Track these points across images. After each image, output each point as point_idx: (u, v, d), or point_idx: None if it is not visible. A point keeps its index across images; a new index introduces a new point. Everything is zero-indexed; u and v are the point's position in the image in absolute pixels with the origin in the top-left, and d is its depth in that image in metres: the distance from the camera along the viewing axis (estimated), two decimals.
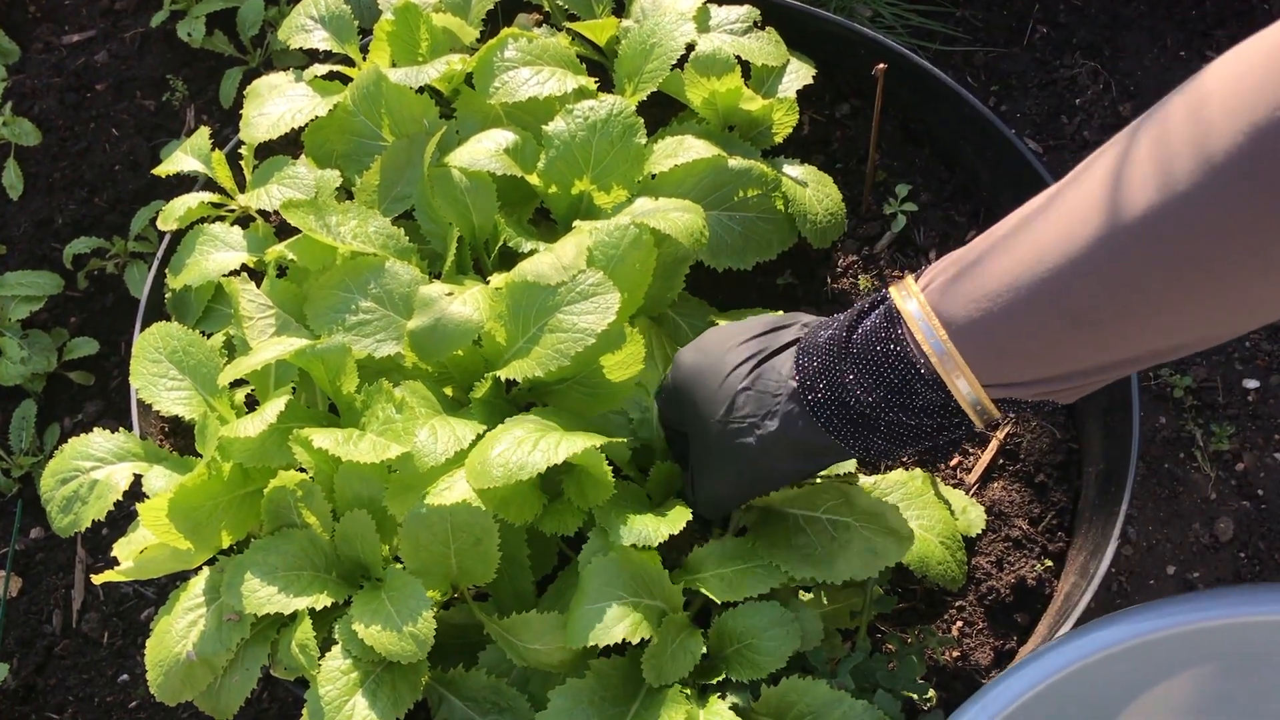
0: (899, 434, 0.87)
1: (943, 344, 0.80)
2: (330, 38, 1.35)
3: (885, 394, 0.84)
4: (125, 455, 1.16)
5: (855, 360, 0.86)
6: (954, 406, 0.83)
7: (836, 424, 0.88)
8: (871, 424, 0.87)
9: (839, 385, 0.86)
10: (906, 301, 0.83)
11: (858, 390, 0.85)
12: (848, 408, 0.87)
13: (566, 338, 1.04)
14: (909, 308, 0.83)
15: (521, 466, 0.96)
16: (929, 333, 0.81)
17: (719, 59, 1.25)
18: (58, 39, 1.97)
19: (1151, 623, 0.85)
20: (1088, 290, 0.73)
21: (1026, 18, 1.82)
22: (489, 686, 1.06)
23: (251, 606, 1.01)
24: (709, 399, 0.95)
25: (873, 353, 0.84)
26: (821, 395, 0.88)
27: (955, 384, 0.81)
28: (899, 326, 0.83)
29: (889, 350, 0.83)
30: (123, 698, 1.55)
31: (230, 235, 1.28)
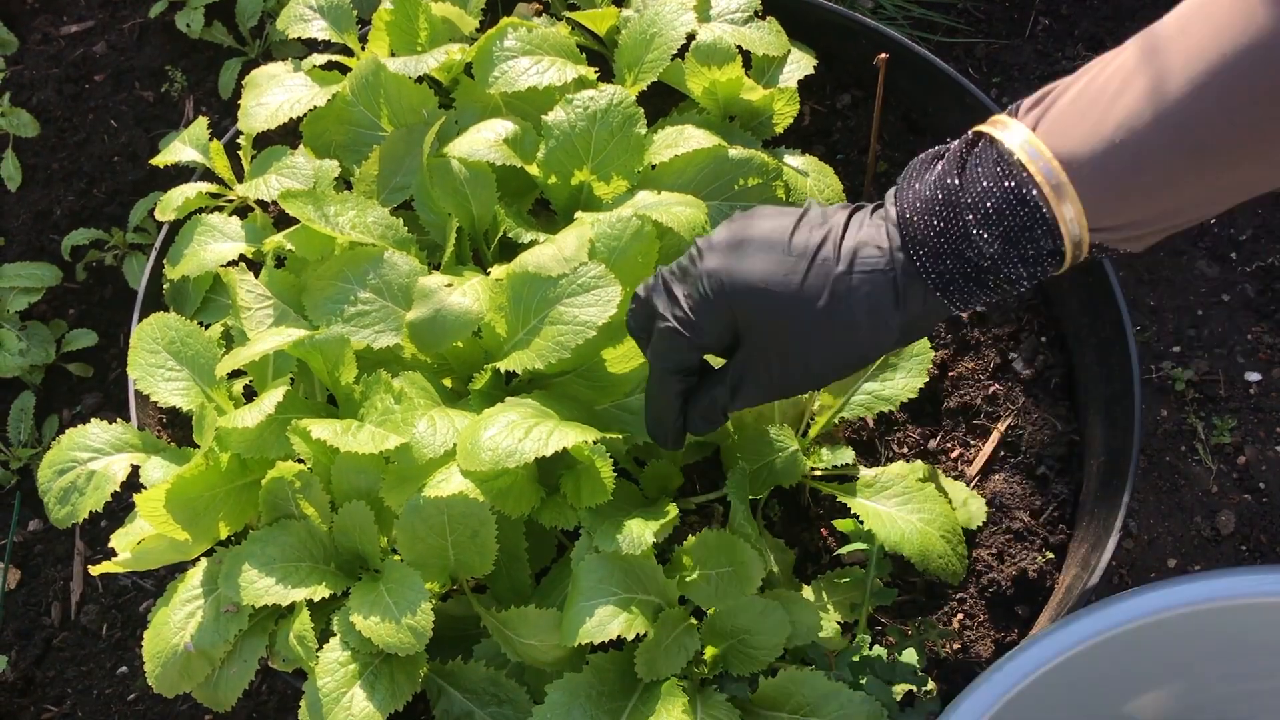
0: (1003, 285, 0.83)
1: (1058, 176, 0.77)
2: (329, 27, 1.35)
3: (1004, 245, 0.80)
4: (123, 446, 1.16)
5: (974, 209, 0.80)
6: (1059, 250, 0.80)
7: (950, 279, 0.83)
8: (983, 279, 0.82)
9: (958, 237, 0.81)
10: (1011, 136, 0.79)
11: (980, 243, 0.80)
12: (966, 261, 0.81)
13: (568, 330, 1.04)
14: (1014, 141, 0.79)
15: (510, 453, 0.95)
16: (1046, 170, 0.77)
17: (720, 49, 1.24)
18: (56, 30, 1.96)
19: (1153, 604, 0.84)
20: (1212, 120, 0.72)
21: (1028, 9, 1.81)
22: (488, 678, 1.06)
23: (249, 598, 1.00)
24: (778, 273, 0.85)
25: (992, 197, 0.79)
26: (934, 250, 0.82)
27: (1064, 219, 0.78)
28: (1017, 168, 0.78)
29: (1010, 193, 0.79)
30: (121, 690, 1.54)
31: (228, 225, 1.28)
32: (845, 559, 1.19)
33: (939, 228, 0.81)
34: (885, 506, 1.14)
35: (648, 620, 1.01)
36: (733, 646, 1.04)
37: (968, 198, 0.80)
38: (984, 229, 0.79)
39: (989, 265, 0.81)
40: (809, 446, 1.18)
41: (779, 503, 1.23)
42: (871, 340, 0.86)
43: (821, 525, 1.22)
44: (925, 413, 1.29)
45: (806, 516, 1.23)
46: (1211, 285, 1.64)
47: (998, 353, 1.30)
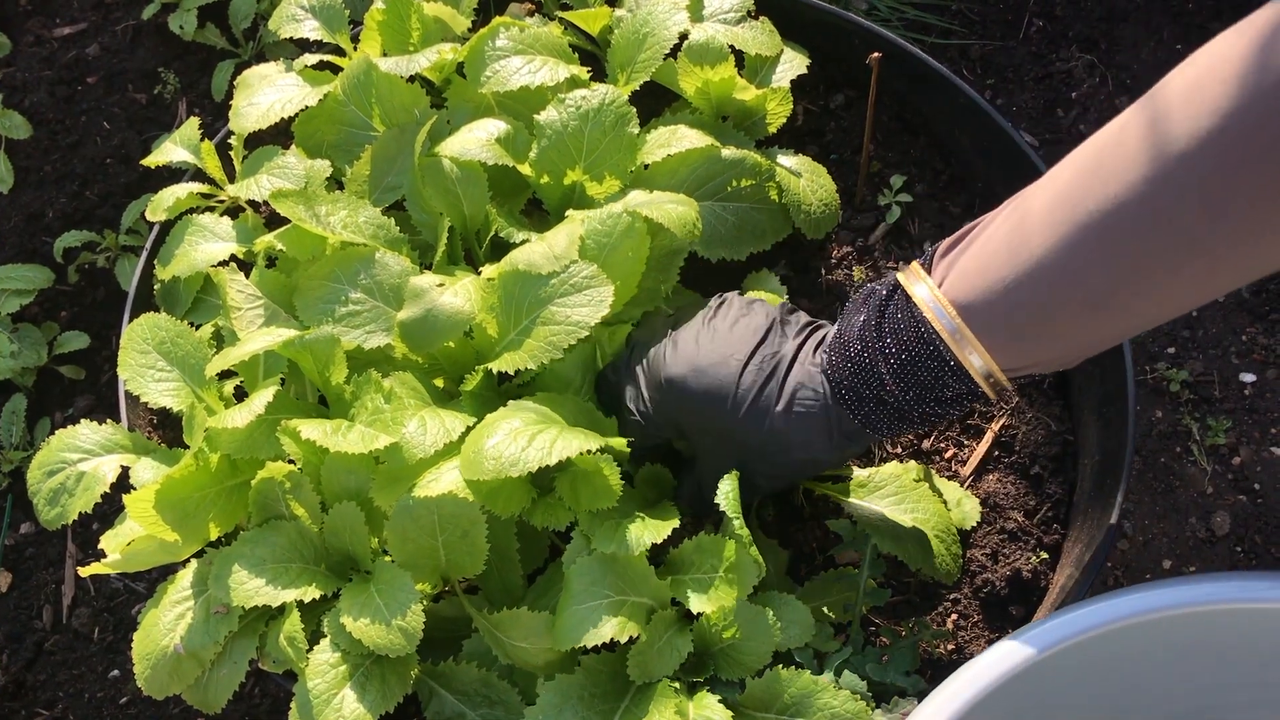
0: (929, 421, 0.95)
1: (957, 325, 0.86)
2: (321, 27, 1.34)
3: (919, 391, 0.91)
4: (113, 447, 1.15)
5: (887, 360, 0.91)
6: (977, 391, 0.90)
7: (873, 419, 0.95)
8: (906, 417, 0.94)
9: (876, 385, 0.92)
10: (919, 290, 0.89)
11: (895, 391, 0.92)
12: (885, 405, 0.93)
13: (560, 330, 1.03)
14: (921, 295, 0.88)
15: (514, 462, 0.94)
16: (948, 323, 0.86)
17: (712, 48, 1.24)
18: (49, 32, 1.96)
19: (1137, 605, 0.84)
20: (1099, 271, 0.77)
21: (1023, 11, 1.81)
22: (479, 679, 1.05)
23: (239, 599, 1.00)
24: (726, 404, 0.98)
25: (906, 350, 0.90)
26: (857, 396, 0.94)
27: (971, 365, 0.87)
28: (922, 321, 0.88)
29: (920, 351, 0.89)
30: (113, 693, 1.54)
31: (219, 226, 1.27)
32: (839, 559, 1.18)
33: (859, 377, 0.93)
34: (879, 506, 1.13)
35: (640, 622, 1.00)
36: (726, 650, 1.03)
37: (884, 349, 0.91)
38: (898, 380, 0.91)
39: (907, 409, 0.92)
40: None
41: (772, 503, 1.22)
42: (808, 465, 1.00)
43: (815, 526, 1.22)
44: None
45: (800, 517, 1.22)
46: None
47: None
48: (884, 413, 0.94)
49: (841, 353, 0.95)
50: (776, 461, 1.00)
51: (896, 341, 0.90)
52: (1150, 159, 0.72)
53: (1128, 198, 0.74)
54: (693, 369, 0.99)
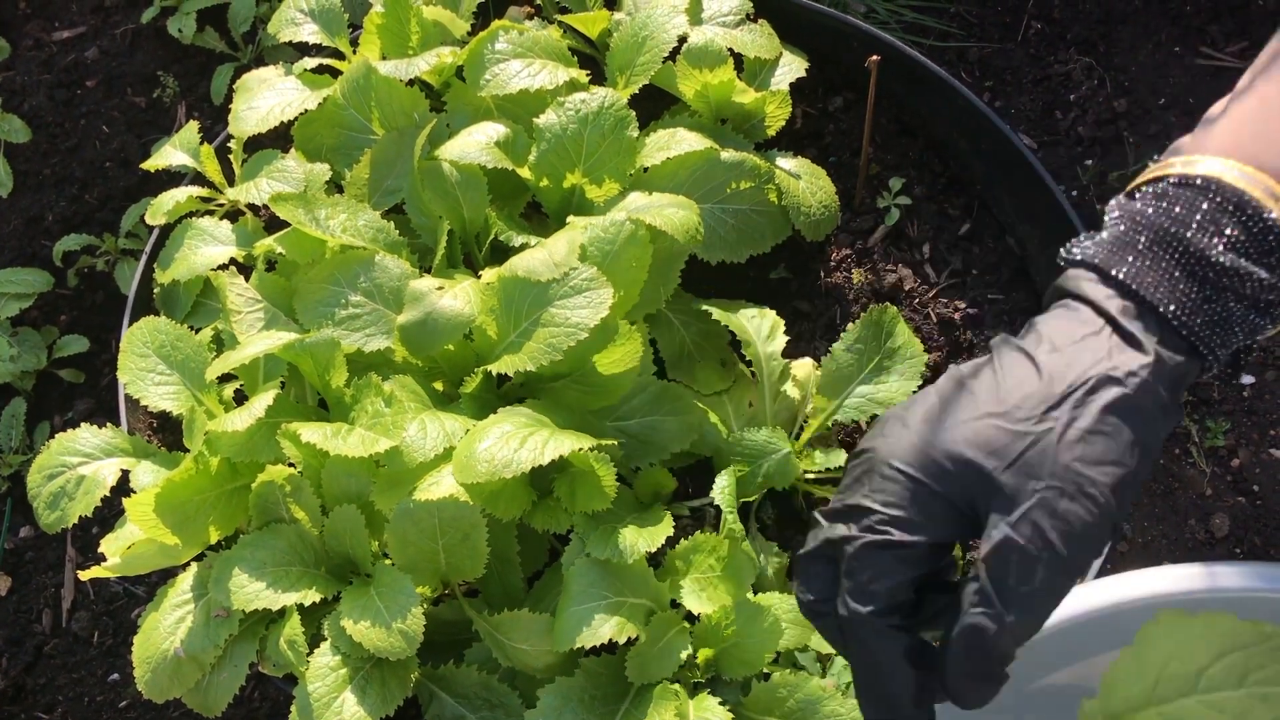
0: (1250, 319, 0.70)
1: (1273, 189, 0.68)
2: (320, 31, 1.35)
3: (1233, 254, 0.69)
4: (113, 451, 1.15)
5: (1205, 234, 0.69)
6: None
7: (1189, 314, 0.69)
8: (1228, 307, 0.69)
9: (1183, 255, 0.69)
10: (1205, 165, 0.70)
11: (1206, 250, 0.69)
12: (1201, 283, 0.69)
13: (559, 332, 1.03)
14: (1217, 170, 0.70)
15: (507, 464, 0.95)
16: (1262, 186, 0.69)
17: (711, 51, 1.24)
18: (48, 35, 1.96)
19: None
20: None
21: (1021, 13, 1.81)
22: (480, 683, 1.05)
23: (239, 602, 1.00)
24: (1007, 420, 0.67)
25: (1223, 220, 0.69)
26: (1162, 277, 0.69)
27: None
28: (1231, 191, 0.69)
29: (1239, 212, 0.69)
30: (113, 697, 1.54)
31: (219, 229, 1.27)
32: None
33: (1166, 263, 0.70)
34: None
35: (639, 624, 1.00)
36: (725, 650, 1.03)
37: (1194, 234, 0.69)
38: (1225, 251, 0.69)
39: (1243, 287, 0.69)
40: (802, 449, 1.18)
41: (773, 505, 1.22)
42: (1153, 430, 0.68)
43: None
44: None
45: (800, 519, 1.22)
46: None
47: None
48: (1229, 320, 0.69)
49: (1153, 250, 0.70)
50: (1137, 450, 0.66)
51: (1206, 216, 0.69)
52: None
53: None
54: (931, 413, 0.69)
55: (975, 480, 0.65)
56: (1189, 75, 1.72)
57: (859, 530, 0.67)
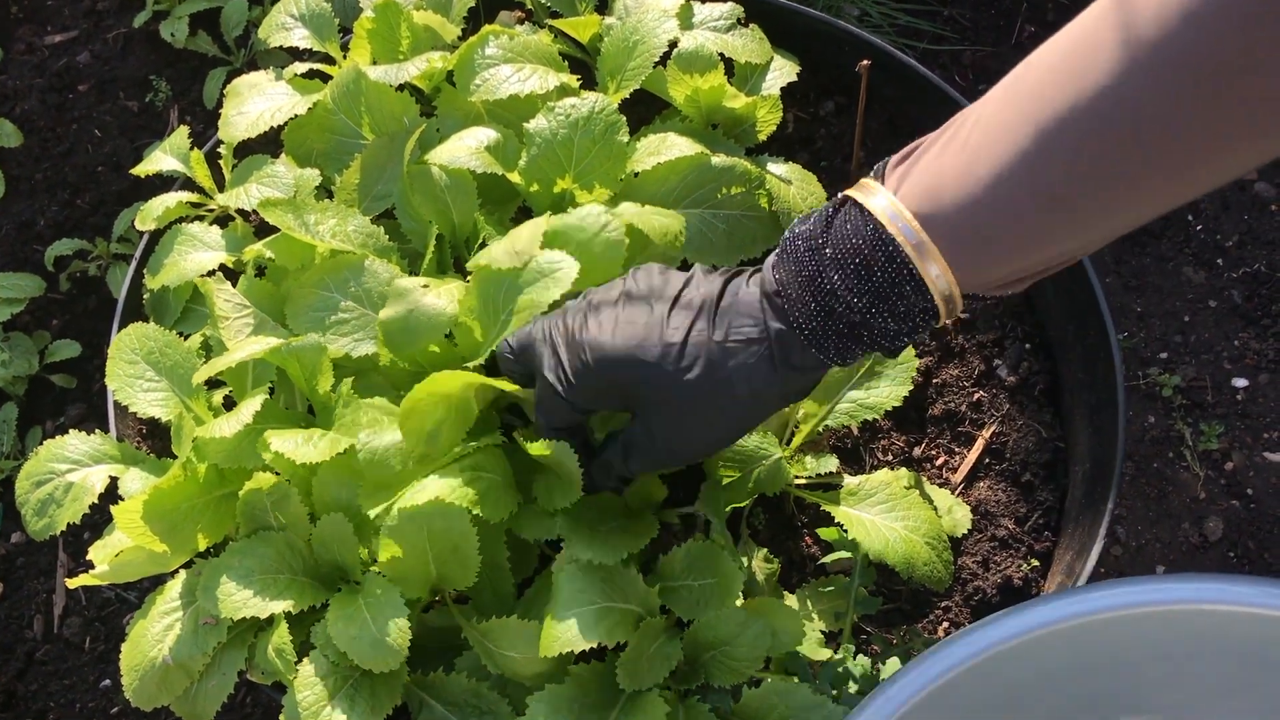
0: (878, 340, 0.86)
1: (916, 234, 0.80)
2: (310, 35, 1.34)
3: (872, 299, 0.83)
4: (101, 457, 1.15)
5: (839, 265, 0.83)
6: (930, 306, 0.82)
7: (822, 335, 0.85)
8: (857, 334, 0.85)
9: (825, 293, 0.84)
10: (874, 200, 0.82)
11: (847, 295, 0.83)
12: (836, 317, 0.84)
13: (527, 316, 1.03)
14: (877, 205, 0.81)
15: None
16: (907, 231, 0.80)
17: (702, 56, 1.23)
18: (40, 39, 1.96)
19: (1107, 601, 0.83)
20: (1060, 172, 0.73)
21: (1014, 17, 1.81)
22: (470, 690, 1.05)
23: (227, 610, 0.99)
24: (654, 354, 0.89)
25: (860, 255, 0.82)
26: (805, 306, 0.85)
27: (930, 277, 0.80)
28: (879, 230, 0.81)
29: (876, 256, 0.81)
30: (104, 704, 1.53)
31: (209, 235, 1.27)
32: (830, 568, 1.18)
33: (807, 287, 0.85)
34: (869, 514, 1.13)
35: (629, 629, 1.00)
36: (715, 657, 1.03)
37: (833, 255, 0.83)
38: (849, 286, 0.83)
39: (859, 320, 0.84)
40: (793, 455, 1.18)
41: (763, 511, 1.22)
42: (752, 408, 0.90)
43: (806, 533, 1.22)
44: (910, 420, 1.28)
45: (791, 525, 1.22)
46: (1198, 291, 1.63)
47: (982, 359, 1.30)
48: (833, 326, 0.85)
49: (785, 264, 0.87)
50: (718, 407, 0.90)
51: (848, 249, 0.82)
52: (1124, 51, 0.68)
53: (1101, 89, 0.70)
54: (615, 325, 0.91)
55: (626, 384, 0.91)
56: None
57: (546, 374, 0.95)
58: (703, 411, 0.91)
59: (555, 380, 0.94)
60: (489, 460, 1.03)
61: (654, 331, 0.90)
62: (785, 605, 1.06)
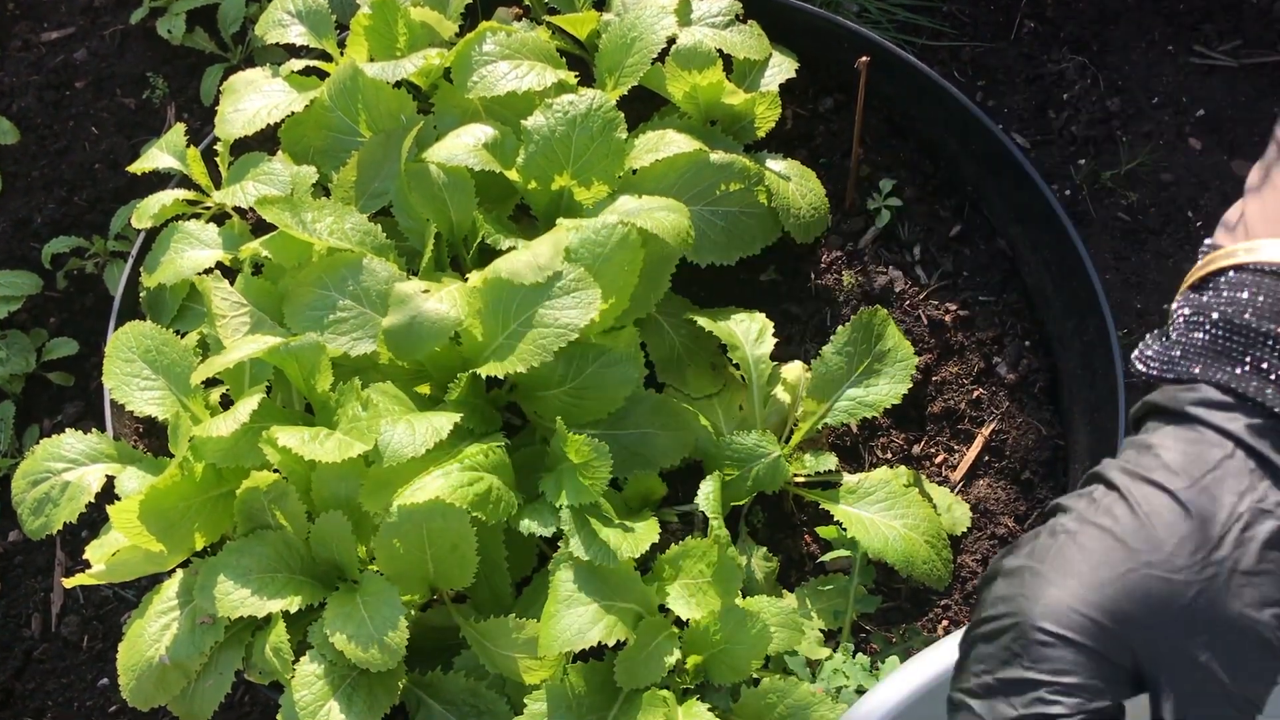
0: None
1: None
2: (307, 33, 1.34)
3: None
4: (98, 456, 1.14)
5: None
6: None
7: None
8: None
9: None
10: (1268, 250, 0.68)
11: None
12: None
13: (549, 333, 1.03)
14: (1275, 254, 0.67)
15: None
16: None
17: (700, 52, 1.23)
18: (36, 36, 1.95)
19: None
20: None
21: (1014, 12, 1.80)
22: (467, 689, 1.05)
23: (225, 609, 0.99)
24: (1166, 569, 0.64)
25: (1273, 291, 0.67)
26: (1268, 378, 0.67)
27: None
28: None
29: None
30: (102, 702, 1.53)
31: (205, 232, 1.26)
32: (829, 566, 1.18)
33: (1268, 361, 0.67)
34: (868, 513, 1.13)
35: (627, 628, 1.00)
36: (713, 656, 1.03)
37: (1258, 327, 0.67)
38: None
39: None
40: (792, 453, 1.17)
41: (762, 509, 1.22)
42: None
43: (805, 532, 1.21)
44: (909, 418, 1.28)
45: (790, 523, 1.22)
46: None
47: (981, 357, 1.29)
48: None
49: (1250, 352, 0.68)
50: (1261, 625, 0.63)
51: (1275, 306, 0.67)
52: None
53: None
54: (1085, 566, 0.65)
55: (1141, 638, 0.63)
56: (1182, 74, 1.72)
57: (1026, 707, 0.62)
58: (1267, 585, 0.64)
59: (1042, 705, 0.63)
60: (490, 460, 1.03)
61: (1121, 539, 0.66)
62: (783, 603, 1.06)
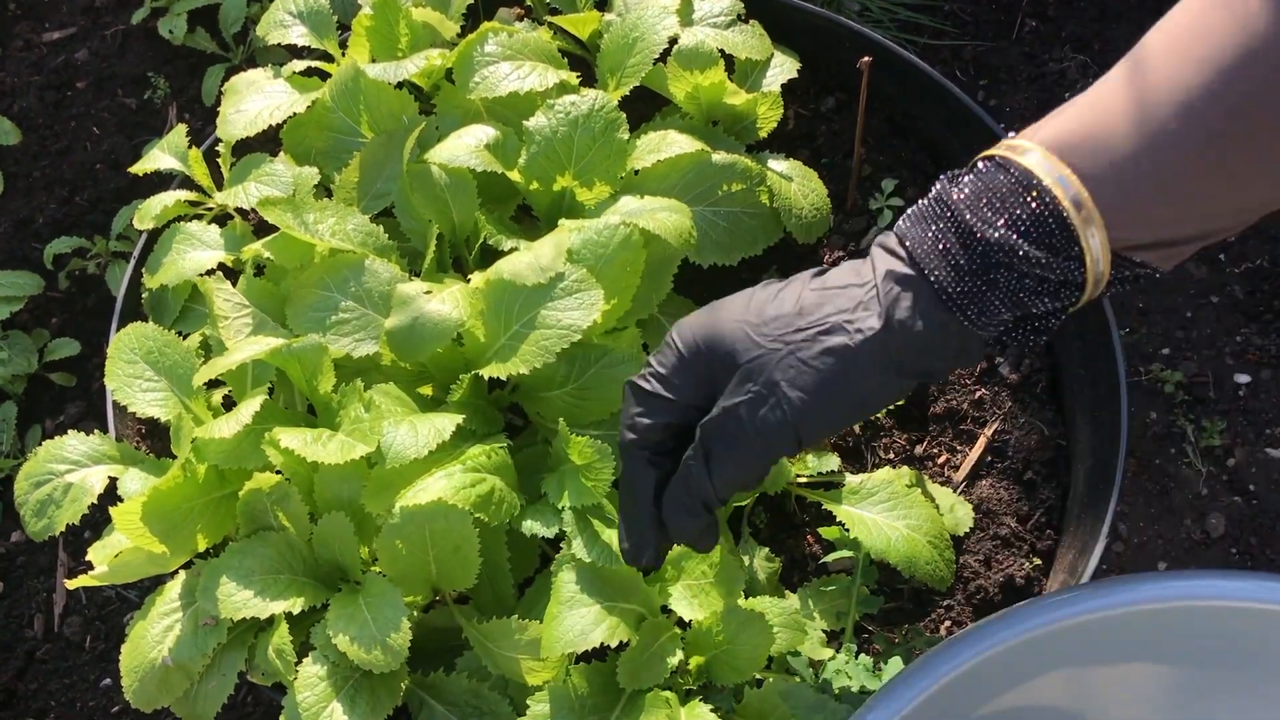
0: (1017, 295, 0.75)
1: (1077, 191, 0.72)
2: (309, 33, 1.34)
3: (1009, 231, 0.73)
4: (100, 458, 1.14)
5: (982, 201, 0.74)
6: (1080, 275, 0.74)
7: (953, 281, 0.74)
8: (992, 279, 0.74)
9: (959, 228, 0.74)
10: (1024, 156, 0.74)
11: (982, 225, 0.73)
12: (970, 251, 0.74)
13: (551, 334, 1.03)
14: (1029, 161, 0.73)
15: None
16: (1063, 182, 0.72)
17: (702, 52, 1.23)
18: (38, 36, 1.95)
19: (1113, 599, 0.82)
20: (1223, 111, 0.69)
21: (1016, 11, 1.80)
22: (470, 691, 1.05)
23: (227, 611, 0.99)
24: (755, 330, 0.79)
25: (998, 188, 0.74)
26: (936, 245, 0.75)
27: (1087, 239, 0.73)
28: (1037, 184, 0.73)
29: (1032, 208, 0.73)
30: (105, 702, 1.53)
31: (207, 233, 1.26)
32: (831, 567, 1.18)
33: (963, 244, 0.75)
34: (871, 513, 1.13)
35: (630, 629, 1.00)
36: (716, 657, 1.03)
37: (969, 196, 0.75)
38: (987, 217, 0.74)
39: (997, 261, 0.74)
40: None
41: (764, 510, 1.22)
42: (864, 383, 0.77)
43: (807, 532, 1.21)
44: (911, 418, 1.28)
45: (792, 524, 1.22)
46: (1200, 287, 1.63)
47: (983, 357, 1.29)
48: (992, 291, 0.74)
49: (913, 224, 0.77)
50: (826, 384, 0.77)
51: (1001, 199, 0.73)
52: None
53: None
54: (712, 308, 0.83)
55: (719, 366, 0.81)
56: None
57: (638, 375, 0.84)
58: (808, 385, 0.77)
59: (643, 378, 0.83)
60: (493, 461, 1.03)
61: (754, 298, 0.81)
62: (786, 603, 1.06)
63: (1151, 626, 0.82)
